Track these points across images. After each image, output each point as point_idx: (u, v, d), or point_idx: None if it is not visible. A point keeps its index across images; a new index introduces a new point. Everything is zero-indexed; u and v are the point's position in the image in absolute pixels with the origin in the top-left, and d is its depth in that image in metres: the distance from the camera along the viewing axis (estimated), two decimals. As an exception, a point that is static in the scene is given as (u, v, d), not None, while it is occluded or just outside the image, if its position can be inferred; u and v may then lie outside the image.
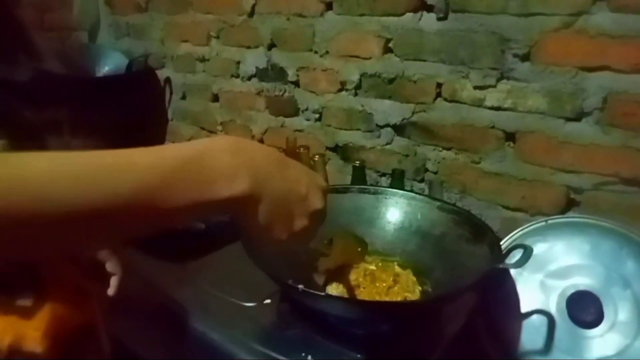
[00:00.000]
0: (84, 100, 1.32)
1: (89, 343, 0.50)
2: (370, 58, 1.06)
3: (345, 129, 1.16)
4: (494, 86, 0.91)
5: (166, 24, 1.51)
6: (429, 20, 0.96)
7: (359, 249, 0.76)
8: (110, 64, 1.54)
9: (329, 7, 1.10)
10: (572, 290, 0.74)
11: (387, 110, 1.07)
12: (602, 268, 0.74)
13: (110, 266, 0.66)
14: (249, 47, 1.30)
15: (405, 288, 0.75)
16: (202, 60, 1.43)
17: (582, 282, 0.74)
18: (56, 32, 1.74)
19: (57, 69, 1.41)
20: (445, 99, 0.98)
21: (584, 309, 0.73)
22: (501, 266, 0.65)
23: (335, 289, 0.74)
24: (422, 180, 1.06)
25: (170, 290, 0.78)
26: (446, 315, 0.73)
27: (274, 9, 1.20)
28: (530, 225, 0.81)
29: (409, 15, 0.98)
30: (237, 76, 1.35)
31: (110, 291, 0.65)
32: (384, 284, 0.75)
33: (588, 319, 0.72)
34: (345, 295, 0.72)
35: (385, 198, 0.88)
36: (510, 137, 0.92)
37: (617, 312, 0.71)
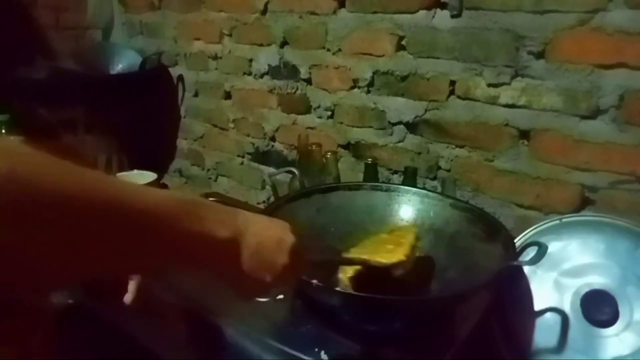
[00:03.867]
0: (98, 97, 1.33)
1: None
2: (383, 56, 1.06)
3: (358, 127, 1.16)
4: (508, 84, 0.91)
5: (179, 23, 1.52)
6: (442, 17, 0.96)
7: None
8: (124, 62, 1.57)
9: (341, 4, 1.10)
10: (586, 289, 0.74)
11: (399, 108, 1.07)
12: (618, 267, 0.73)
13: None
14: (261, 45, 1.30)
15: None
16: (215, 58, 1.44)
17: (597, 281, 0.74)
18: (71, 32, 1.76)
19: (72, 68, 1.43)
20: (459, 97, 0.98)
21: (599, 308, 0.72)
22: (515, 263, 0.65)
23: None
24: (434, 179, 1.06)
25: (184, 286, 0.78)
26: (460, 313, 0.73)
27: (287, 7, 1.21)
28: (544, 224, 0.81)
29: (423, 12, 0.98)
30: (250, 74, 1.36)
31: (128, 298, 0.61)
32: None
33: (603, 318, 0.72)
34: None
35: (398, 195, 0.88)
36: (524, 135, 0.91)
37: (633, 311, 0.70)
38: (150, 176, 1.17)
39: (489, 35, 0.91)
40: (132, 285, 0.62)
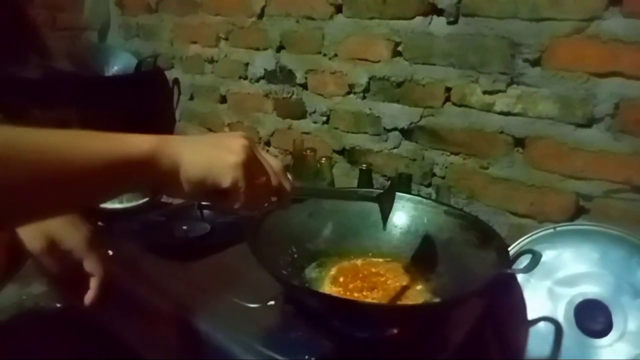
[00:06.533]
0: (92, 99, 1.32)
1: None
2: (379, 61, 1.06)
3: (353, 132, 1.16)
4: (504, 91, 0.90)
5: (176, 25, 1.51)
6: (439, 24, 0.96)
7: None
8: (119, 64, 1.55)
9: (338, 10, 1.10)
10: (580, 299, 0.73)
11: (395, 114, 1.07)
12: (612, 277, 0.73)
13: (88, 265, 0.57)
14: (257, 49, 1.30)
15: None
16: (211, 61, 1.43)
17: (590, 290, 0.73)
18: (67, 32, 1.75)
19: (67, 68, 1.41)
20: (454, 104, 0.98)
21: (593, 318, 0.72)
22: (509, 271, 0.64)
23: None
24: (429, 185, 1.06)
25: (174, 291, 0.77)
26: (452, 320, 0.72)
27: (284, 11, 1.20)
28: (538, 232, 0.80)
29: (419, 19, 0.98)
30: (246, 78, 1.35)
31: (89, 296, 0.56)
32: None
33: (596, 328, 0.71)
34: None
35: (392, 202, 0.87)
36: (519, 142, 0.91)
37: (627, 321, 0.70)
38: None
39: (485, 42, 0.90)
40: (93, 283, 0.58)
